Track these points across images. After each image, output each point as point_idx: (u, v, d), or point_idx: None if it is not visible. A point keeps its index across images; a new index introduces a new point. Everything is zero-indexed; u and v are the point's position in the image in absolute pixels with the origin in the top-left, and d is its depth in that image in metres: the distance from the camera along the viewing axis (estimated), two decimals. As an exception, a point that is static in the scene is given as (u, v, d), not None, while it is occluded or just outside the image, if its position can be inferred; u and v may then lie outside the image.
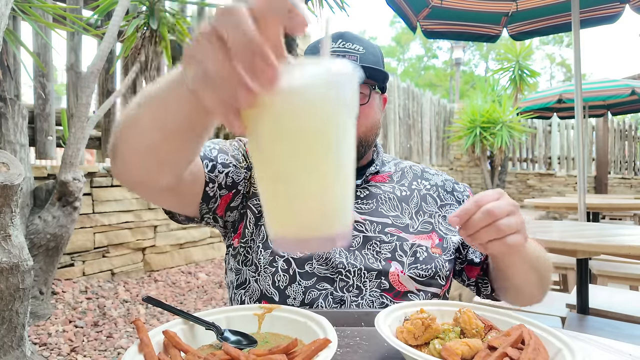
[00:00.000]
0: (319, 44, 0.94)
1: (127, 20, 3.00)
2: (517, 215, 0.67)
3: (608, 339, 0.65)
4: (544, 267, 0.89)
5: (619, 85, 5.55)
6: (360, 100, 0.93)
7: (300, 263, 0.88)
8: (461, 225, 0.67)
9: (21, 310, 1.79)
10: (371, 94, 0.93)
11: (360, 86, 0.92)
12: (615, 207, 4.16)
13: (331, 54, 0.90)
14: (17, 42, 2.63)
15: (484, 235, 0.66)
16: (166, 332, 0.60)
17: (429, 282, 0.89)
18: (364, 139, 0.94)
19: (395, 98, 7.47)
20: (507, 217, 0.66)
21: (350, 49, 0.91)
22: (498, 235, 0.65)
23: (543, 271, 0.89)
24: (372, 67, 0.89)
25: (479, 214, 0.65)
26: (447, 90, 26.47)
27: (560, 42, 29.28)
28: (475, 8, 3.30)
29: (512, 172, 9.25)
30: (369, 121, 0.93)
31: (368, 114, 0.93)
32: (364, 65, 0.87)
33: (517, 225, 0.66)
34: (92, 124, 2.56)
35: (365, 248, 0.90)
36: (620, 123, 10.92)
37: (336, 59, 0.37)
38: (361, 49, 0.92)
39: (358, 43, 0.92)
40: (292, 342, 0.57)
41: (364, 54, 0.91)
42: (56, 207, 2.43)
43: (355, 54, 0.90)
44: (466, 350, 0.54)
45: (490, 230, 0.65)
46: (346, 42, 0.92)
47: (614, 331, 1.69)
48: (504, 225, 0.65)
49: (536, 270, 0.86)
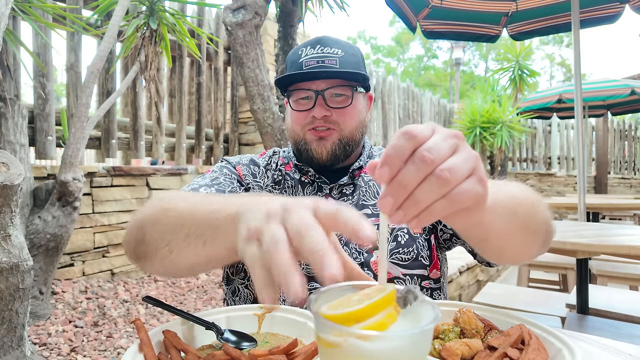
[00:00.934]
0: (300, 52, 0.95)
1: (127, 20, 3.00)
2: (463, 151, 0.44)
3: (608, 339, 0.65)
4: (530, 211, 0.66)
5: (619, 85, 5.55)
6: (344, 102, 0.94)
7: None
8: (388, 183, 0.43)
9: (21, 310, 1.79)
10: (354, 95, 0.95)
11: (342, 89, 0.93)
12: (615, 207, 4.16)
13: (310, 60, 0.92)
14: (17, 42, 2.63)
15: (423, 195, 0.42)
16: (166, 332, 0.60)
17: (413, 265, 0.89)
18: (351, 139, 0.96)
19: (395, 98, 7.47)
20: (451, 159, 0.42)
21: (329, 54, 0.93)
22: (442, 190, 0.42)
23: (531, 217, 0.66)
24: (351, 72, 0.92)
25: (409, 165, 0.42)
26: (447, 90, 26.48)
27: (560, 42, 29.29)
28: (475, 8, 3.30)
29: (512, 172, 9.25)
30: (355, 121, 0.96)
31: (352, 114, 0.96)
32: (342, 70, 0.91)
33: (466, 167, 0.43)
34: (92, 124, 2.56)
35: (349, 242, 0.91)
36: (620, 123, 10.93)
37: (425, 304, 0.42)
38: (340, 52, 0.93)
39: (336, 47, 0.94)
40: (292, 343, 0.57)
41: (343, 57, 0.93)
42: (56, 207, 2.43)
43: (335, 58, 0.92)
44: (466, 350, 0.54)
45: (430, 184, 0.42)
46: (324, 46, 0.93)
47: (613, 331, 1.69)
48: (446, 172, 0.41)
49: (520, 218, 0.63)
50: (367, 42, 34.35)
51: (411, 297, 0.42)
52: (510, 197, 0.62)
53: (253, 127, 4.76)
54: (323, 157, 0.95)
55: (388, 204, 0.43)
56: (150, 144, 3.99)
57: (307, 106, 0.94)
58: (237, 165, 1.01)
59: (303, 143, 0.96)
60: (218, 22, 4.53)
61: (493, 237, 0.60)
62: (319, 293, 0.43)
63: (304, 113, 0.94)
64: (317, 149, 0.94)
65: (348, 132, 0.95)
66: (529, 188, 0.74)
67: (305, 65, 0.92)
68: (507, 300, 2.21)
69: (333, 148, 0.94)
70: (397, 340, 0.37)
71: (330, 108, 0.93)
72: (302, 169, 1.00)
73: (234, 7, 3.12)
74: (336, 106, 0.94)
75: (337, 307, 0.40)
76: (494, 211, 0.54)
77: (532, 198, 0.69)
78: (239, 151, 4.90)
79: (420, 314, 0.42)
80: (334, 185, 0.98)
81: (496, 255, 0.71)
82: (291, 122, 0.98)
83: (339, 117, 0.94)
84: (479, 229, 0.57)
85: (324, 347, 0.39)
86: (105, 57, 2.48)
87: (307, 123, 0.94)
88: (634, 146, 11.25)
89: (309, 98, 0.94)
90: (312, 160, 0.96)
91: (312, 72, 0.91)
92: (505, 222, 0.59)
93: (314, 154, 0.95)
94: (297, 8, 3.55)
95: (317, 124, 0.93)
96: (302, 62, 0.93)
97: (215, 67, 4.63)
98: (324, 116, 0.93)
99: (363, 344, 0.36)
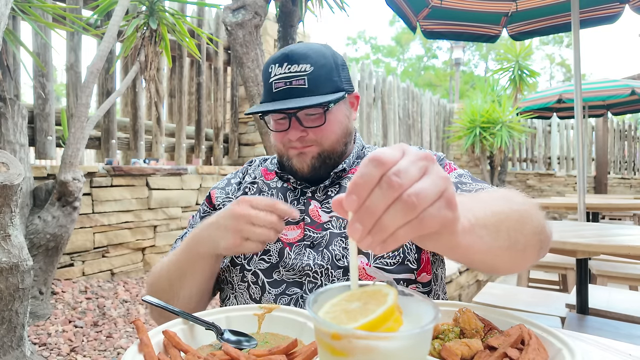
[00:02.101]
0: (270, 69, 0.92)
1: (127, 20, 3.00)
2: (432, 174, 0.42)
3: (607, 339, 0.65)
4: (516, 226, 0.62)
5: (619, 85, 5.55)
6: (318, 121, 0.92)
7: (268, 272, 0.91)
8: (355, 211, 0.41)
9: (21, 310, 1.79)
10: (327, 111, 0.92)
11: (315, 109, 0.91)
12: (615, 207, 4.16)
13: (278, 82, 0.89)
14: (17, 42, 2.63)
15: (390, 221, 0.40)
16: (166, 332, 0.60)
17: (398, 270, 0.87)
18: (331, 152, 0.95)
19: (395, 98, 7.47)
20: (419, 183, 0.40)
21: (296, 73, 0.89)
22: (408, 215, 0.40)
23: (518, 232, 0.62)
24: (326, 88, 0.90)
25: (376, 190, 0.40)
26: (446, 90, 26.47)
27: (560, 42, 29.29)
28: (475, 8, 3.30)
29: (512, 172, 9.25)
30: (334, 134, 0.94)
31: (330, 129, 0.93)
32: (310, 93, 0.88)
33: (434, 190, 0.41)
34: (92, 124, 2.56)
35: (332, 245, 0.90)
36: (619, 123, 10.94)
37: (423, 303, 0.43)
38: (308, 67, 0.89)
39: (304, 62, 0.89)
40: (292, 343, 0.57)
41: (311, 73, 0.89)
42: (56, 207, 2.43)
43: (303, 76, 0.89)
44: (466, 350, 0.54)
45: (396, 210, 0.40)
46: (291, 64, 0.89)
47: (613, 331, 1.69)
48: (413, 197, 0.39)
49: (504, 236, 0.59)
50: (367, 42, 34.38)
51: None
52: (492, 214, 0.58)
53: (253, 127, 4.76)
54: (305, 171, 0.94)
55: (357, 230, 0.41)
56: (150, 144, 3.99)
57: (284, 126, 0.93)
58: (212, 190, 1.06)
59: (286, 158, 0.96)
60: (218, 22, 4.53)
61: (476, 257, 0.57)
62: (317, 294, 0.43)
63: (282, 133, 0.94)
64: (297, 164, 0.94)
65: (328, 146, 0.94)
66: (517, 195, 0.71)
67: (274, 88, 0.90)
68: (506, 300, 2.21)
69: (313, 162, 0.93)
70: (397, 341, 0.37)
71: (305, 128, 0.92)
72: (283, 176, 1.01)
73: (233, 7, 3.12)
74: (311, 125, 0.92)
75: (342, 313, 0.40)
76: (472, 232, 0.51)
77: (520, 209, 0.65)
78: (238, 151, 4.90)
79: (420, 314, 0.42)
80: (318, 188, 0.97)
81: (486, 271, 0.69)
82: (273, 139, 0.99)
83: (316, 135, 0.92)
84: (457, 251, 0.53)
85: (328, 353, 0.39)
86: (105, 57, 2.48)
87: (286, 142, 0.94)
88: (634, 146, 11.26)
89: (285, 118, 0.93)
90: (295, 175, 0.97)
91: (282, 95, 0.89)
92: (488, 242, 0.55)
93: (296, 169, 0.95)
94: (297, 8, 3.55)
95: (295, 144, 0.93)
96: (271, 82, 0.91)
97: (215, 67, 4.63)
98: (300, 137, 0.92)
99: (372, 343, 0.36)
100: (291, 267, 0.90)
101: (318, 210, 0.94)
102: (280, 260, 0.91)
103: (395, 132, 7.50)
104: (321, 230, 0.92)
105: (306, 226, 0.93)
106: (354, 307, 0.41)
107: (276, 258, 0.92)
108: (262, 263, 0.92)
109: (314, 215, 0.94)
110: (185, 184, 3.73)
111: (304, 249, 0.91)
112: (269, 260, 0.92)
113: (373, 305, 0.40)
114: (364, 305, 0.40)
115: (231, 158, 4.86)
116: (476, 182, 0.90)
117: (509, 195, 0.70)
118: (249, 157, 4.85)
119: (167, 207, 3.59)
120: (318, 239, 0.91)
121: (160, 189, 3.53)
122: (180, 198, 3.68)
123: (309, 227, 0.93)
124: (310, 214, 0.94)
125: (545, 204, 4.18)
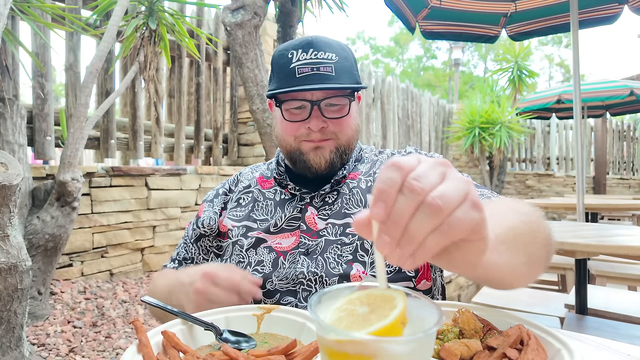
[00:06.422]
0: (290, 55, 0.89)
1: (126, 20, 3.00)
2: (453, 178, 0.40)
3: (606, 339, 0.65)
4: (529, 241, 0.61)
5: (618, 85, 5.56)
6: (341, 112, 0.91)
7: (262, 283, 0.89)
8: (383, 220, 0.39)
9: (19, 310, 1.78)
10: (351, 104, 0.92)
11: (338, 99, 0.90)
12: (614, 208, 4.17)
13: (304, 67, 0.87)
14: (16, 42, 2.63)
15: (417, 228, 0.38)
16: (165, 333, 0.59)
17: (396, 278, 0.86)
18: (347, 147, 0.94)
19: (394, 98, 7.47)
20: (441, 186, 0.38)
21: (323, 60, 0.88)
22: (435, 220, 0.37)
23: (531, 246, 0.61)
24: (349, 80, 0.90)
25: (399, 197, 0.38)
26: (446, 91, 26.49)
27: (559, 43, 29.31)
28: (474, 9, 3.30)
29: (511, 172, 9.25)
30: (351, 129, 0.94)
31: (349, 123, 0.93)
32: (337, 86, 0.87)
33: (458, 193, 0.38)
34: (91, 124, 2.55)
35: (327, 252, 0.88)
36: (618, 123, 10.94)
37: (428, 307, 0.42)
38: (334, 56, 0.89)
39: (330, 50, 0.89)
40: (291, 343, 0.57)
41: (337, 62, 0.89)
42: (55, 207, 2.42)
43: (330, 64, 0.88)
44: (465, 350, 0.54)
45: (423, 215, 0.37)
46: (317, 50, 0.88)
47: (612, 331, 1.69)
48: (437, 200, 0.37)
49: (521, 252, 0.58)
50: (366, 42, 34.37)
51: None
52: (508, 229, 0.56)
53: (252, 127, 4.76)
54: (322, 167, 0.92)
55: (385, 243, 0.38)
56: (149, 144, 3.98)
57: (302, 116, 0.89)
58: (202, 203, 1.06)
59: (298, 153, 0.92)
60: (217, 23, 4.53)
61: (496, 275, 0.54)
62: (320, 294, 0.43)
63: (298, 124, 0.90)
64: (314, 159, 0.91)
65: (345, 140, 0.92)
66: (524, 205, 0.69)
67: (298, 72, 0.87)
68: (506, 300, 2.22)
69: (331, 157, 0.91)
70: (402, 345, 0.37)
71: (326, 119, 0.89)
72: (281, 182, 0.98)
73: (233, 8, 3.12)
74: (333, 116, 0.90)
75: (348, 317, 0.40)
76: (494, 249, 0.48)
77: (531, 222, 0.64)
78: (238, 152, 4.90)
79: (424, 317, 0.41)
80: (316, 194, 0.95)
81: (500, 287, 0.65)
82: (282, 132, 0.93)
83: (335, 128, 0.90)
84: (478, 270, 0.48)
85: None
86: (104, 57, 2.47)
87: (302, 134, 0.90)
88: (633, 147, 11.27)
89: (303, 107, 0.89)
90: (310, 170, 0.93)
91: (307, 80, 0.86)
92: (508, 259, 0.53)
93: (311, 164, 0.92)
94: (297, 8, 3.55)
95: (313, 137, 0.90)
96: (294, 67, 0.87)
97: (215, 67, 4.63)
98: (321, 128, 0.89)
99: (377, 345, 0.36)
100: (284, 276, 0.88)
101: (314, 218, 0.92)
102: (274, 271, 0.89)
103: (395, 132, 7.50)
104: (317, 237, 0.90)
105: (302, 233, 0.91)
106: (361, 312, 0.40)
107: (269, 269, 0.90)
108: (255, 274, 0.90)
109: (310, 222, 0.92)
110: (184, 184, 3.72)
111: (299, 257, 0.89)
112: (262, 271, 0.90)
113: (379, 314, 0.39)
114: (370, 311, 0.40)
115: (230, 158, 4.85)
116: (479, 188, 0.88)
117: (517, 206, 0.68)
118: (248, 157, 4.85)
119: (167, 207, 3.59)
120: (313, 247, 0.90)
121: (160, 189, 3.53)
122: (179, 198, 3.68)
123: (304, 234, 0.91)
124: (306, 221, 0.92)
125: (544, 204, 4.18)
